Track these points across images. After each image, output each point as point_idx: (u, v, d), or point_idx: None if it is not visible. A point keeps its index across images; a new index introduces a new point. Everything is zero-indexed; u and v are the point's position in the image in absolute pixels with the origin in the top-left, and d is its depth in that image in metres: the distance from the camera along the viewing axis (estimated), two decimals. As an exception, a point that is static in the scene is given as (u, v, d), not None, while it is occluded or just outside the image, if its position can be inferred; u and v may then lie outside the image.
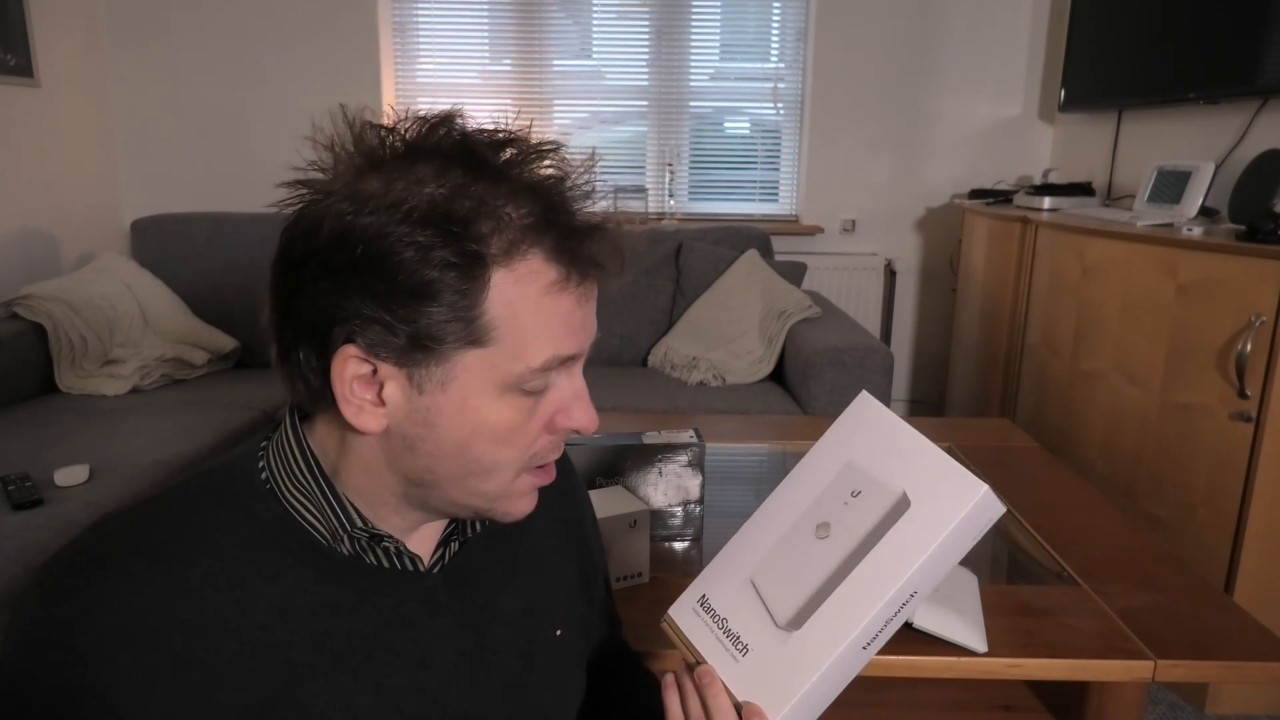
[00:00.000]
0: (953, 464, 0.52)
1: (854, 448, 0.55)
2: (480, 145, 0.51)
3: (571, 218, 0.52)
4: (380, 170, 0.50)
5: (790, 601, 0.54)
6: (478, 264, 0.49)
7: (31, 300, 2.35)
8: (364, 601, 0.57)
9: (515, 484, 0.57)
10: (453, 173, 0.50)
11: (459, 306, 0.49)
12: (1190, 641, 1.02)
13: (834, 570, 0.53)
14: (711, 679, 0.57)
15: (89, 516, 1.62)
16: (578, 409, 0.56)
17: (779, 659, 0.53)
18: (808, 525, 0.55)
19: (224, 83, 3.15)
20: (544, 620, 0.67)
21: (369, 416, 0.52)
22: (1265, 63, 1.97)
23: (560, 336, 0.52)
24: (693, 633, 0.58)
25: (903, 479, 0.52)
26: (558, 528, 0.73)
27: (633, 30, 3.26)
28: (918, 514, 0.51)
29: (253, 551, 0.54)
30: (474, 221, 0.49)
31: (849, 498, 0.54)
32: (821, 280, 3.23)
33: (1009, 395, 2.68)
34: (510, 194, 0.50)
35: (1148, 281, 1.92)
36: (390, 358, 0.51)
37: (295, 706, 0.53)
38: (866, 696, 1.28)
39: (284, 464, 0.57)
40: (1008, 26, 3.14)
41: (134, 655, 0.49)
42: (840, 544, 0.53)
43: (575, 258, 0.52)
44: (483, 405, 0.52)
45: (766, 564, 0.56)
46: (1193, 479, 1.79)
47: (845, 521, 0.54)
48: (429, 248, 0.48)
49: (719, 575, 0.58)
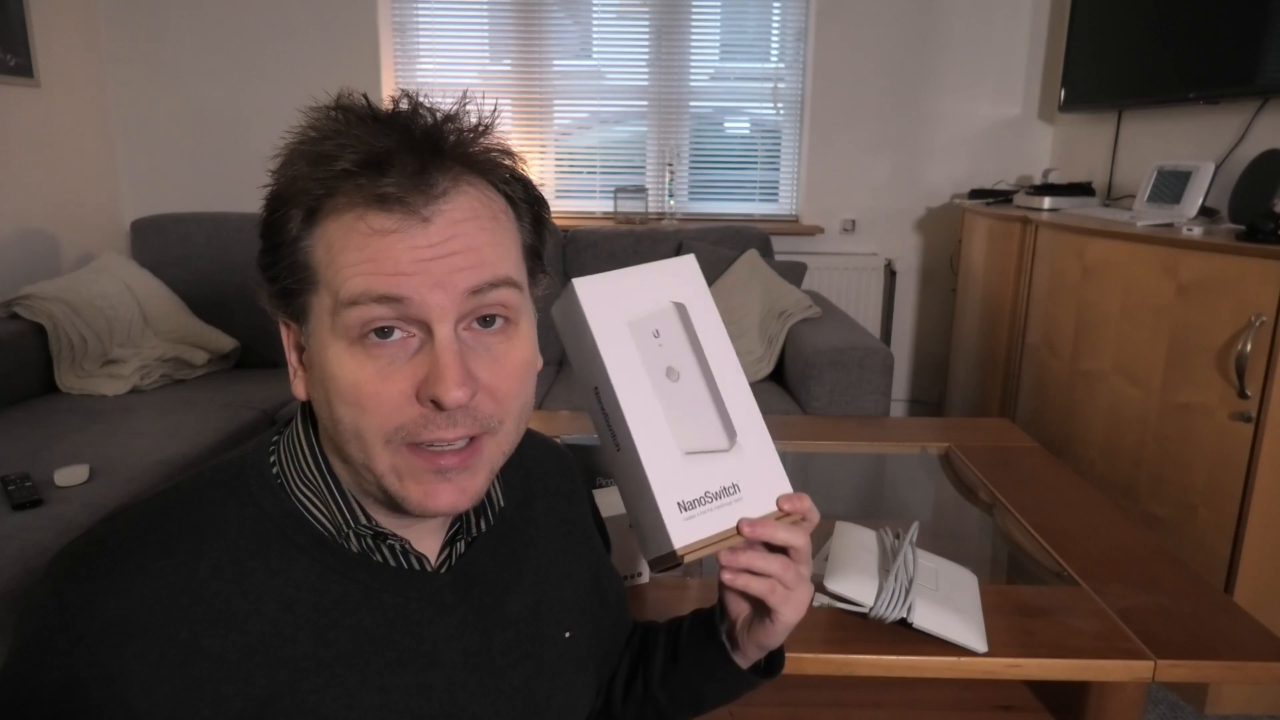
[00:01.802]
0: (661, 263, 0.63)
1: (615, 312, 0.60)
2: (352, 108, 0.53)
3: (374, 147, 0.50)
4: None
5: (716, 429, 0.62)
6: (307, 207, 0.52)
7: (31, 300, 2.35)
8: (371, 599, 0.57)
9: (396, 460, 0.52)
10: (313, 135, 0.52)
11: (297, 250, 0.52)
12: (1190, 641, 1.02)
13: (706, 384, 0.62)
14: (757, 525, 0.60)
15: (89, 516, 1.62)
16: (434, 374, 0.50)
17: (752, 461, 0.62)
18: (661, 384, 0.61)
19: (224, 83, 3.15)
20: (552, 621, 0.67)
21: (299, 382, 0.57)
22: (1265, 63, 1.97)
23: (370, 273, 0.50)
24: (705, 530, 0.59)
25: (660, 296, 0.62)
26: (566, 528, 0.73)
27: (633, 30, 3.26)
28: (690, 302, 0.62)
29: (261, 545, 0.54)
30: (316, 166, 0.51)
31: (657, 341, 0.61)
32: (821, 280, 3.23)
33: (1009, 395, 2.68)
34: (344, 137, 0.51)
35: (1148, 281, 1.92)
36: (285, 315, 0.55)
37: (300, 701, 0.53)
38: (867, 696, 1.28)
39: (293, 459, 0.58)
40: (1008, 26, 3.14)
41: (142, 645, 0.49)
42: (688, 367, 0.62)
43: (372, 190, 0.50)
44: (331, 357, 0.52)
45: (678, 431, 0.60)
46: (1193, 479, 1.79)
47: (673, 354, 0.62)
48: (277, 199, 0.53)
49: (666, 480, 0.59)
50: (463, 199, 0.52)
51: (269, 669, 0.52)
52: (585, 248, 2.88)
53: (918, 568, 1.06)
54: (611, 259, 2.86)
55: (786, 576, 0.61)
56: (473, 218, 0.52)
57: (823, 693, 1.28)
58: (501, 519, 0.66)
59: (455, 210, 0.51)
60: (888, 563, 1.07)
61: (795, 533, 0.61)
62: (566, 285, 0.60)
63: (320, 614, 0.55)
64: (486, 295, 0.52)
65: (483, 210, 0.53)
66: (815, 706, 1.26)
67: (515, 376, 0.55)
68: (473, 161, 0.53)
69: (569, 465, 0.78)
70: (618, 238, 2.89)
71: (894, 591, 1.02)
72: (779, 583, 0.62)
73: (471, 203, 0.53)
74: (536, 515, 0.70)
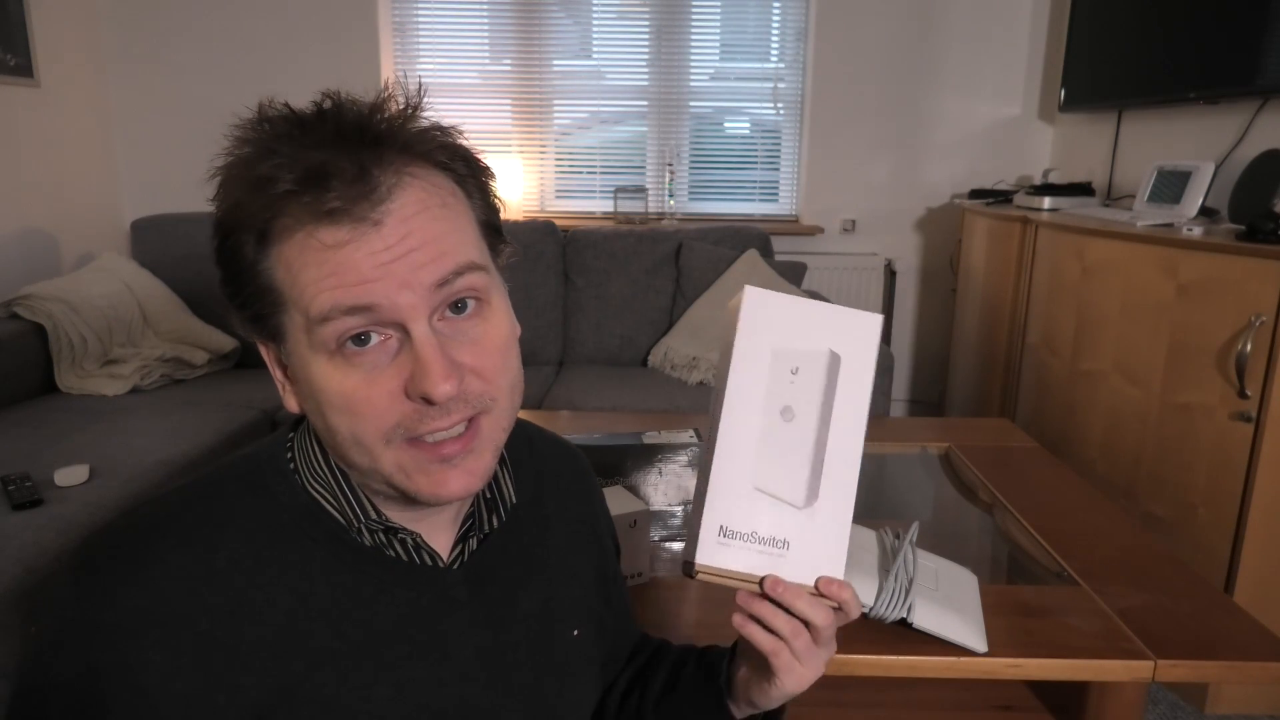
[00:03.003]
0: (846, 309, 0.60)
1: (769, 335, 0.60)
2: (278, 120, 0.52)
3: (309, 161, 0.49)
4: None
5: (798, 483, 0.59)
6: (258, 231, 0.51)
7: (31, 300, 2.35)
8: (384, 593, 0.57)
9: (399, 457, 0.53)
10: (246, 155, 0.52)
11: (259, 273, 0.52)
12: (1190, 641, 1.02)
13: (816, 438, 0.60)
14: (784, 586, 0.57)
15: (89, 516, 1.62)
16: (418, 371, 0.50)
17: (816, 531, 0.59)
18: (772, 417, 0.59)
19: (224, 83, 3.15)
20: (561, 619, 0.68)
21: (289, 397, 0.57)
22: (1265, 63, 1.97)
23: (334, 286, 0.49)
24: (730, 562, 0.59)
25: (821, 340, 0.59)
26: (576, 528, 0.73)
27: (633, 30, 3.26)
28: (848, 360, 0.59)
29: (277, 538, 0.55)
30: (256, 192, 0.50)
31: (792, 377, 0.59)
32: (821, 280, 3.23)
33: (1009, 395, 2.68)
34: (278, 154, 0.50)
35: (1148, 281, 1.92)
36: (261, 337, 0.55)
37: (314, 693, 0.53)
38: (867, 696, 1.28)
39: (305, 454, 0.58)
40: (1008, 26, 3.14)
41: (161, 635, 0.50)
42: (807, 416, 0.60)
43: (318, 208, 0.49)
44: (315, 372, 0.52)
45: (760, 467, 0.59)
46: (1193, 479, 1.79)
47: (800, 397, 0.60)
48: (224, 227, 0.52)
49: (723, 502, 0.59)
50: (409, 193, 0.51)
51: (284, 660, 0.53)
52: (585, 248, 2.88)
53: (918, 568, 1.06)
54: (611, 259, 2.86)
55: (796, 644, 0.58)
56: (423, 209, 0.51)
57: (823, 693, 1.28)
58: (514, 516, 0.66)
59: (404, 207, 0.51)
60: (888, 563, 1.07)
61: (818, 609, 0.58)
62: (748, 290, 0.60)
63: (334, 606, 0.55)
64: (453, 284, 0.52)
65: (431, 199, 0.52)
66: (815, 706, 1.26)
67: (498, 353, 0.55)
68: (409, 146, 0.52)
69: (582, 465, 0.78)
70: (618, 238, 2.89)
71: (894, 591, 1.02)
72: (787, 647, 0.59)
73: (419, 195, 0.52)
74: (548, 513, 0.70)
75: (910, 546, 1.07)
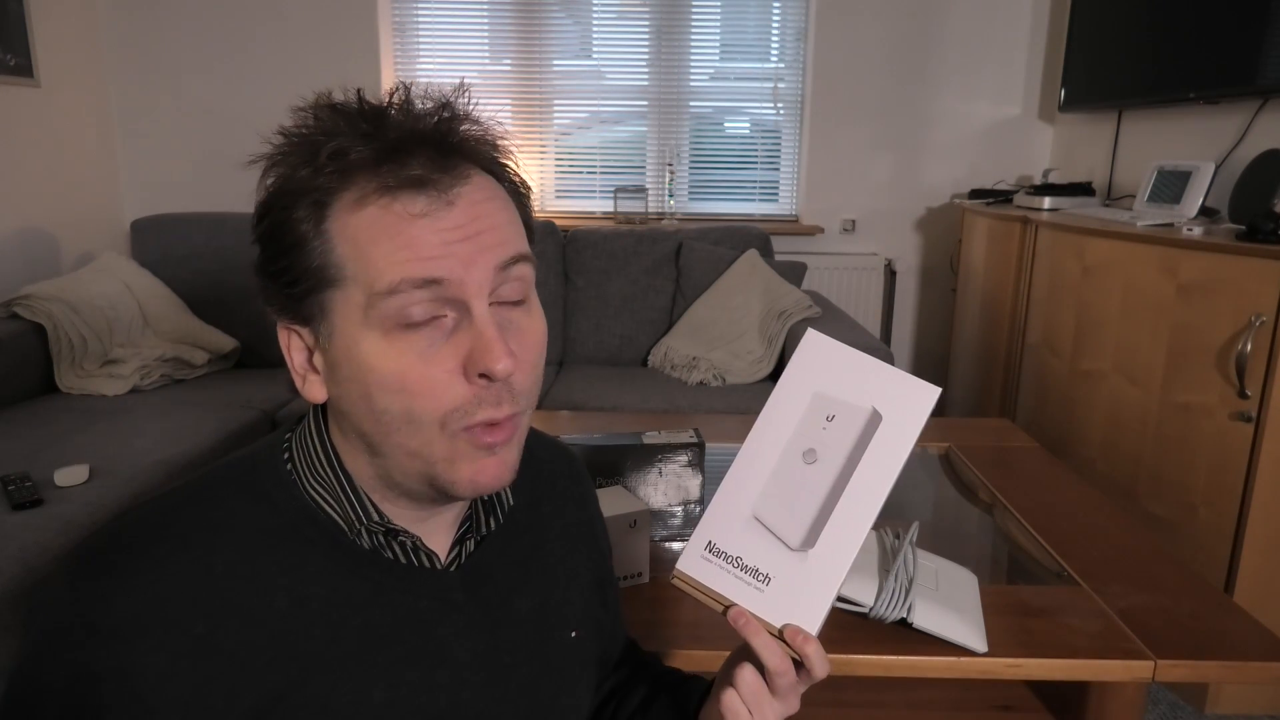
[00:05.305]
0: (905, 375, 0.59)
1: (817, 379, 0.60)
2: (340, 106, 0.53)
3: (387, 138, 0.52)
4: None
5: (798, 525, 0.59)
6: (317, 204, 0.51)
7: (31, 300, 2.35)
8: (381, 596, 0.57)
9: (451, 445, 0.53)
10: (309, 132, 0.53)
11: (311, 250, 0.52)
12: (1190, 641, 1.02)
13: (830, 488, 0.58)
14: (746, 619, 0.57)
15: (89, 516, 1.62)
16: (480, 349, 0.51)
17: (802, 578, 0.58)
18: (794, 455, 0.60)
19: (224, 83, 3.15)
20: (558, 621, 0.68)
21: (312, 385, 0.56)
22: (1265, 63, 1.97)
23: (405, 259, 0.50)
24: (708, 579, 0.59)
25: (868, 397, 0.59)
26: (573, 530, 0.73)
27: (633, 30, 3.26)
28: (890, 423, 0.58)
29: (274, 541, 0.55)
30: (313, 163, 0.51)
31: (825, 423, 0.60)
32: (821, 280, 3.24)
33: (1009, 395, 2.68)
34: (347, 134, 0.52)
35: (1148, 281, 1.92)
36: (296, 320, 0.54)
37: (310, 696, 0.53)
38: (867, 696, 1.28)
39: (305, 455, 0.58)
40: (1007, 27, 3.14)
41: (156, 639, 0.49)
42: (829, 464, 0.59)
43: (397, 177, 0.51)
44: (367, 350, 0.52)
45: (765, 498, 0.59)
46: (1193, 479, 1.79)
47: (828, 444, 0.59)
48: (276, 201, 0.52)
49: (719, 521, 0.60)
50: (478, 181, 0.54)
51: (281, 664, 0.53)
52: (585, 248, 2.88)
53: (918, 568, 1.06)
54: (611, 259, 2.86)
55: (752, 696, 0.58)
56: (490, 198, 0.54)
57: (823, 693, 1.28)
58: (511, 518, 0.66)
59: (475, 191, 0.53)
60: (888, 563, 1.07)
61: (773, 652, 0.57)
62: (810, 333, 0.62)
63: (331, 610, 0.55)
64: (511, 270, 0.54)
65: (496, 193, 0.55)
66: (815, 706, 1.25)
67: (537, 348, 0.57)
68: (474, 148, 0.55)
69: (578, 468, 0.78)
70: (617, 238, 2.89)
71: (894, 591, 1.02)
72: (739, 698, 0.58)
73: (485, 184, 0.55)
74: (545, 516, 0.71)
75: (910, 546, 1.07)
